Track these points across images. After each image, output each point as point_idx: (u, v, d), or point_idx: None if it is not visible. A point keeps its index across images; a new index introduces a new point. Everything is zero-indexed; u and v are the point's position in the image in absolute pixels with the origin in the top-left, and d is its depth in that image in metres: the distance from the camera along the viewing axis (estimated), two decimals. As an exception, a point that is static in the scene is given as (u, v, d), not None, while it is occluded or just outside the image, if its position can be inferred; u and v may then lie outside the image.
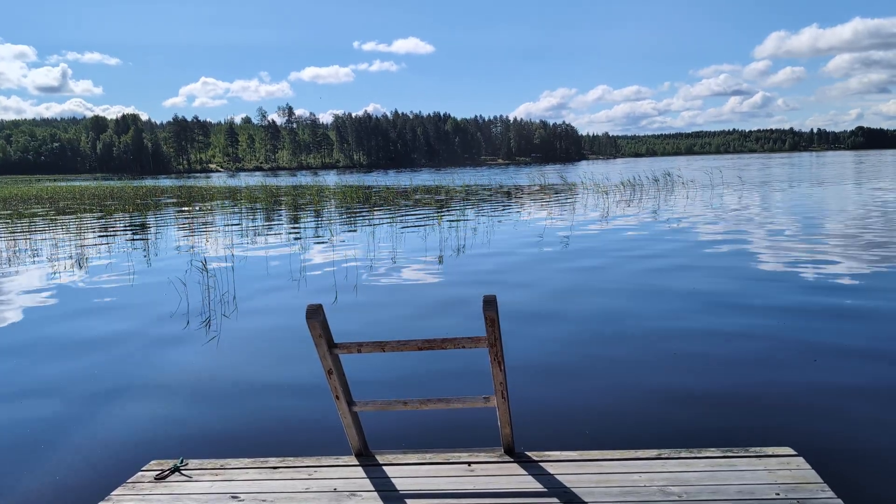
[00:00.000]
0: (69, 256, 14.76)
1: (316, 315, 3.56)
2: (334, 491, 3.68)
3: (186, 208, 30.87)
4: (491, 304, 3.46)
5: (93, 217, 26.51)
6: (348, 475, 3.85)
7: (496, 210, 24.99)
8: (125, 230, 21.59)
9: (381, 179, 66.32)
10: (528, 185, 44.86)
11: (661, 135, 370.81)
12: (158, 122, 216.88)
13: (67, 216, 26.98)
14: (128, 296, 10.43)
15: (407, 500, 3.56)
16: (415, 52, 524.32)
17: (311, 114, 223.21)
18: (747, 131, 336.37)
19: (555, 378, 6.10)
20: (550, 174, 58.33)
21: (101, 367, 6.88)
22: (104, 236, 19.51)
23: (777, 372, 6.00)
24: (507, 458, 3.94)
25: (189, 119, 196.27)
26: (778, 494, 3.37)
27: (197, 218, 25.48)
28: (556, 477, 3.68)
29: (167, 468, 4.03)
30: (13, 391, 6.30)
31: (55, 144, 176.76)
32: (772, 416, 5.05)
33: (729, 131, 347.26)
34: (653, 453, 3.89)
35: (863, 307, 8.23)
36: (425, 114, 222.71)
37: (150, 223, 23.82)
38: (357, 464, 3.99)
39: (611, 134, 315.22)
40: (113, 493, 3.80)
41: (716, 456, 3.81)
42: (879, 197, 25.64)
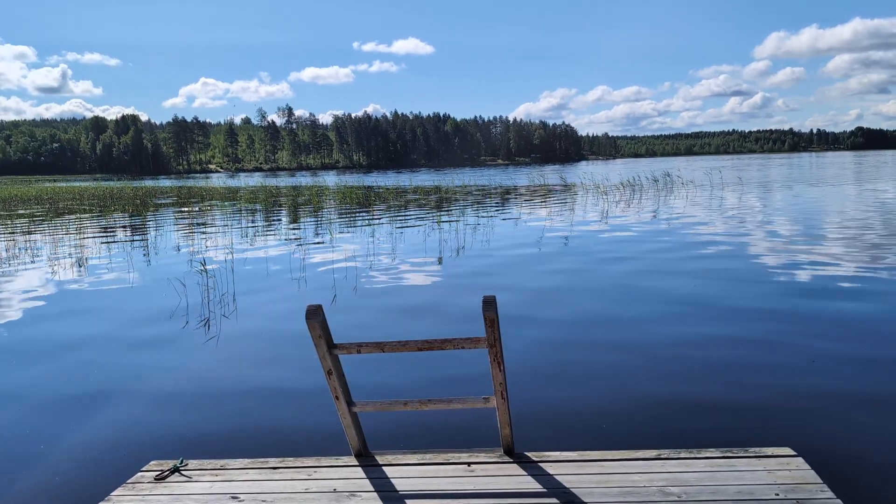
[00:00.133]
0: (68, 257, 14.76)
1: (315, 315, 3.57)
2: (334, 491, 3.68)
3: (186, 209, 30.87)
4: (490, 304, 3.46)
5: (92, 218, 26.51)
6: (348, 475, 3.85)
7: (495, 210, 25.00)
8: (125, 231, 21.59)
9: (381, 180, 66.32)
10: (528, 185, 44.86)
11: (661, 135, 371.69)
12: (158, 123, 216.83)
13: (67, 216, 26.98)
14: (127, 296, 10.43)
15: (407, 501, 3.56)
16: (415, 53, 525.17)
17: (310, 114, 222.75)
18: (747, 132, 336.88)
19: (555, 378, 6.10)
20: (550, 175, 58.32)
21: (100, 366, 6.88)
22: (104, 237, 19.50)
23: (776, 372, 6.00)
24: (506, 459, 3.94)
25: (189, 119, 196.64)
26: (777, 495, 3.37)
27: (196, 218, 25.48)
28: (555, 477, 3.68)
29: (167, 468, 4.03)
30: (13, 391, 6.30)
31: (55, 145, 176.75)
32: (771, 416, 5.06)
33: (729, 132, 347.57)
34: (652, 453, 3.89)
35: (862, 308, 8.23)
36: (425, 114, 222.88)
37: (150, 224, 23.81)
38: (357, 464, 3.99)
39: (610, 134, 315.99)
40: (113, 494, 3.80)
41: (715, 456, 3.82)
42: (879, 197, 25.65)
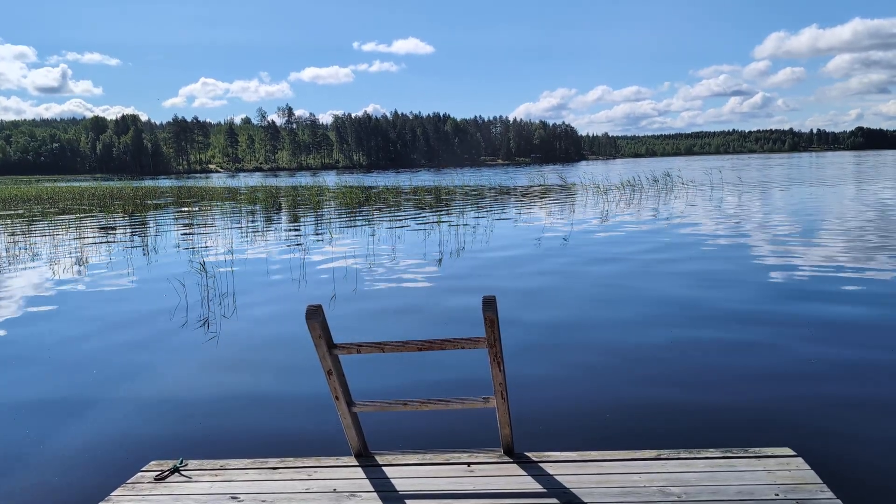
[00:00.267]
0: (68, 257, 14.76)
1: (316, 315, 3.56)
2: (334, 491, 3.68)
3: (186, 209, 30.87)
4: (490, 304, 3.46)
5: (92, 217, 26.50)
6: (348, 476, 3.85)
7: (495, 211, 25.00)
8: (125, 230, 21.58)
9: (381, 180, 66.32)
10: (528, 185, 44.86)
11: (661, 135, 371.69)
12: (158, 123, 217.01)
13: (67, 216, 26.98)
14: (127, 296, 10.43)
15: (407, 501, 3.56)
16: (415, 53, 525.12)
17: (310, 114, 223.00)
18: (747, 132, 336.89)
19: (555, 378, 6.10)
20: (550, 175, 58.30)
21: (100, 366, 6.88)
22: (104, 236, 19.50)
23: (776, 373, 5.99)
24: (506, 459, 3.94)
25: (189, 119, 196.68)
26: (777, 495, 3.37)
27: (196, 218, 25.48)
28: (555, 477, 3.68)
29: (167, 468, 4.03)
30: (12, 391, 6.30)
31: (55, 145, 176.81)
32: (771, 416, 5.06)
33: (729, 132, 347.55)
34: (652, 454, 3.89)
35: (862, 308, 8.23)
36: (425, 114, 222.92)
37: (150, 223, 23.82)
38: (357, 464, 3.99)
39: (610, 134, 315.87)
40: (113, 494, 3.80)
41: (715, 456, 3.82)
42: (878, 198, 25.65)
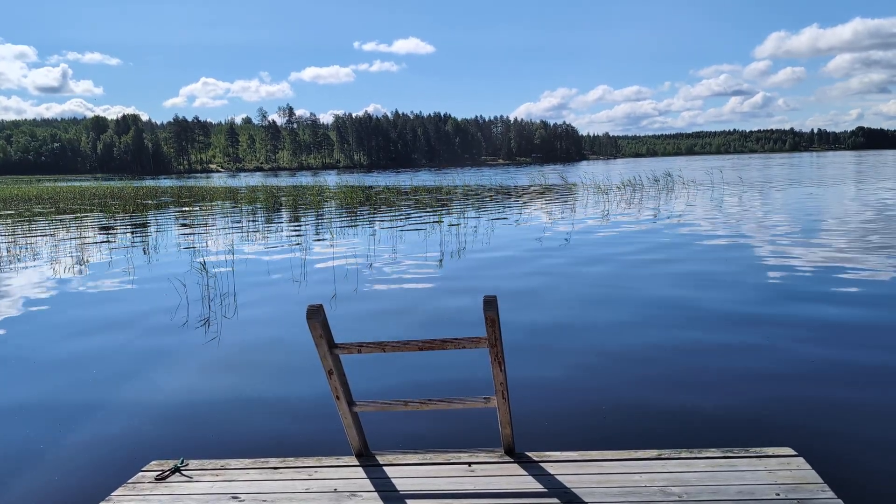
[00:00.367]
0: (69, 257, 14.77)
1: (316, 315, 3.56)
2: (335, 491, 3.68)
3: (186, 208, 30.88)
4: (491, 304, 3.46)
5: (93, 217, 26.51)
6: (349, 475, 3.85)
7: (496, 210, 24.99)
8: (125, 230, 21.59)
9: (382, 180, 66.31)
10: (529, 185, 44.85)
11: (662, 135, 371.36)
12: (159, 123, 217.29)
13: (68, 216, 26.99)
14: (127, 296, 10.43)
15: (407, 501, 3.55)
16: (415, 53, 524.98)
17: (311, 114, 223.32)
18: (748, 131, 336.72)
19: (555, 378, 6.09)
20: (551, 174, 58.29)
21: (100, 366, 6.88)
22: (104, 237, 19.51)
23: (777, 372, 5.99)
24: (507, 459, 3.94)
25: (189, 119, 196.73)
26: (778, 495, 3.37)
27: (197, 218, 25.49)
28: (556, 477, 3.68)
29: (167, 468, 4.03)
30: (13, 391, 6.30)
31: (55, 145, 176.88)
32: (772, 416, 5.05)
33: (729, 131, 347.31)
34: (653, 453, 3.89)
35: (862, 307, 8.23)
36: (426, 114, 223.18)
37: (151, 223, 23.82)
38: (357, 464, 3.99)
39: (611, 134, 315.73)
40: (113, 494, 3.80)
41: (716, 456, 3.81)
42: (878, 198, 25.63)
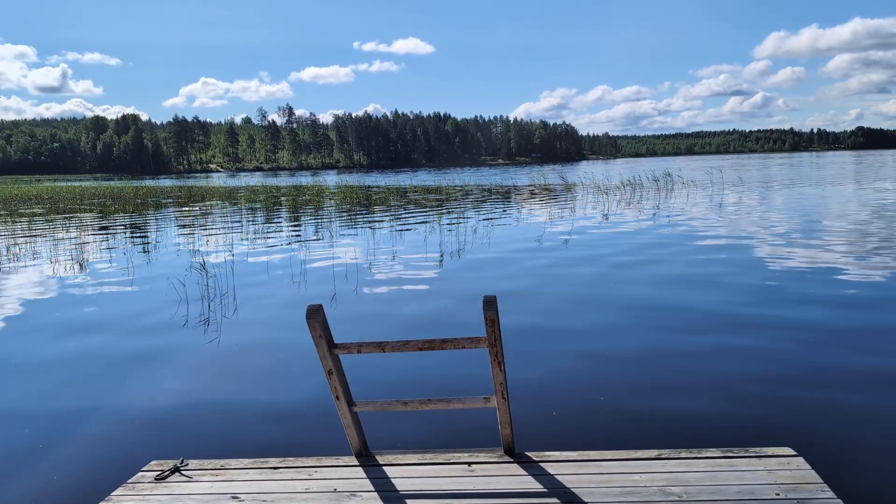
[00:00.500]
0: (69, 256, 14.76)
1: (316, 315, 3.56)
2: (334, 491, 3.68)
3: (186, 208, 30.88)
4: (491, 304, 3.46)
5: (93, 217, 26.51)
6: (348, 475, 3.85)
7: (496, 210, 24.99)
8: (125, 230, 21.58)
9: (381, 180, 66.31)
10: (529, 185, 44.85)
11: (662, 135, 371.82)
12: (158, 123, 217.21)
13: (67, 216, 26.98)
14: (127, 296, 10.43)
15: (407, 501, 3.56)
16: (415, 53, 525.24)
17: (311, 114, 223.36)
18: (747, 131, 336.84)
19: (556, 378, 6.10)
20: (550, 174, 58.26)
21: (100, 366, 6.88)
22: (104, 237, 19.51)
23: (777, 372, 5.99)
24: (507, 459, 3.94)
25: (189, 119, 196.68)
26: (778, 495, 3.37)
27: (197, 218, 25.48)
28: (556, 477, 3.68)
29: (167, 468, 4.03)
30: (13, 391, 6.30)
31: (55, 145, 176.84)
32: (772, 416, 5.05)
33: (729, 131, 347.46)
34: (653, 453, 3.89)
35: (861, 307, 8.23)
36: (425, 114, 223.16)
37: (150, 223, 23.81)
38: (357, 464, 3.99)
39: (611, 134, 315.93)
40: (113, 494, 3.80)
41: (716, 456, 3.81)
42: (878, 197, 25.64)
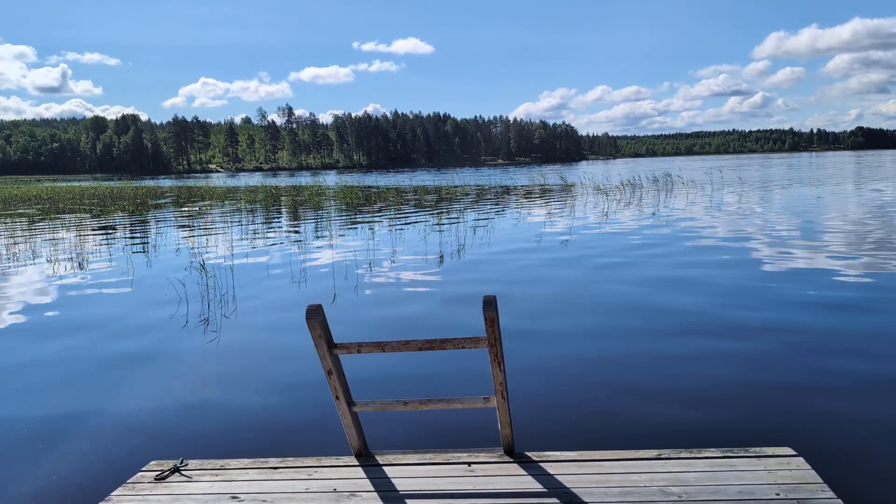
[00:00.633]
0: (69, 257, 14.76)
1: (316, 315, 3.56)
2: (334, 491, 3.68)
3: (186, 208, 30.88)
4: (490, 304, 3.46)
5: (93, 217, 26.50)
6: (348, 475, 3.85)
7: (496, 210, 24.99)
8: (125, 230, 21.58)
9: (381, 180, 66.30)
10: (528, 185, 44.85)
11: (661, 135, 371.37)
12: (158, 123, 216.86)
13: (67, 216, 26.98)
14: (127, 296, 10.43)
15: (407, 501, 3.56)
16: (414, 53, 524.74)
17: (310, 114, 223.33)
18: (747, 131, 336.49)
19: (555, 378, 6.10)
20: (550, 175, 58.26)
21: (100, 366, 6.88)
22: (104, 237, 19.50)
23: (777, 372, 6.00)
24: (506, 459, 3.94)
25: (189, 119, 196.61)
26: (778, 494, 3.37)
27: (196, 218, 25.48)
28: (555, 477, 3.68)
29: (167, 468, 4.03)
30: (13, 391, 6.30)
31: (55, 145, 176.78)
32: (771, 416, 5.06)
33: (729, 131, 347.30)
34: (653, 453, 3.89)
35: (862, 307, 8.24)
36: (425, 114, 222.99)
37: (150, 223, 23.81)
38: (357, 464, 3.99)
39: (610, 134, 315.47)
40: (113, 494, 3.80)
41: (716, 456, 3.82)
42: (877, 197, 25.64)
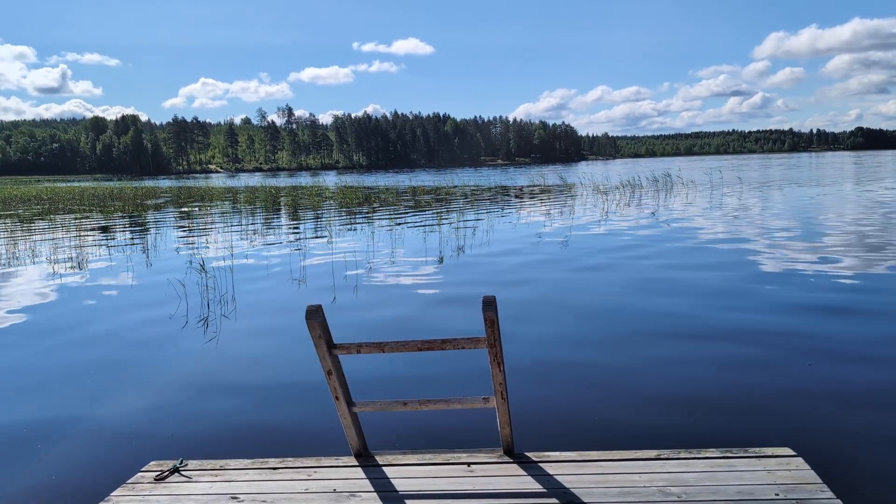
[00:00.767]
0: (68, 257, 14.75)
1: (315, 316, 3.56)
2: (334, 492, 3.68)
3: (186, 209, 30.87)
4: (490, 304, 3.46)
5: (92, 218, 26.50)
6: (348, 476, 3.86)
7: (495, 210, 24.99)
8: (124, 231, 21.58)
9: (381, 180, 66.30)
10: (528, 185, 44.86)
11: (661, 135, 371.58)
12: (158, 123, 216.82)
13: (67, 217, 26.97)
14: (127, 296, 10.43)
15: (406, 501, 3.56)
16: (414, 53, 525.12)
17: (310, 114, 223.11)
18: (747, 132, 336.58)
19: (555, 378, 6.10)
20: (550, 175, 58.28)
21: (99, 367, 6.88)
22: (104, 237, 19.50)
23: (776, 372, 6.00)
24: (506, 459, 3.94)
25: (188, 120, 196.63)
26: (777, 495, 3.37)
27: (196, 218, 25.48)
28: (555, 477, 3.68)
29: (167, 469, 4.03)
30: (12, 391, 6.30)
31: (55, 145, 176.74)
32: (771, 416, 5.06)
33: (728, 132, 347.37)
34: (652, 454, 3.89)
35: (861, 308, 8.23)
36: (425, 114, 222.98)
37: (150, 224, 23.81)
38: (357, 464, 3.99)
39: (610, 134, 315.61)
40: (112, 494, 3.79)
41: (715, 456, 3.82)
42: (876, 197, 25.65)
